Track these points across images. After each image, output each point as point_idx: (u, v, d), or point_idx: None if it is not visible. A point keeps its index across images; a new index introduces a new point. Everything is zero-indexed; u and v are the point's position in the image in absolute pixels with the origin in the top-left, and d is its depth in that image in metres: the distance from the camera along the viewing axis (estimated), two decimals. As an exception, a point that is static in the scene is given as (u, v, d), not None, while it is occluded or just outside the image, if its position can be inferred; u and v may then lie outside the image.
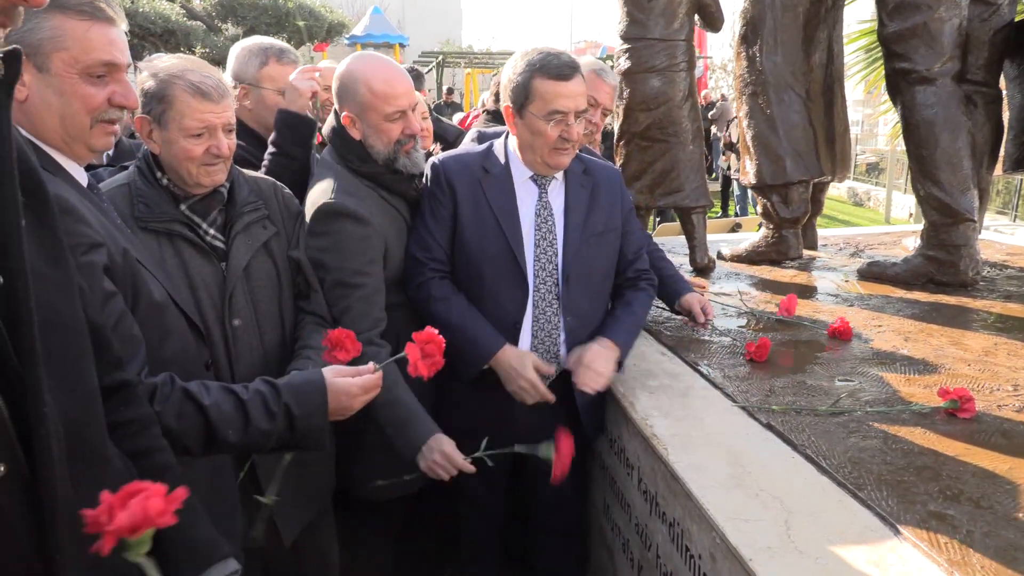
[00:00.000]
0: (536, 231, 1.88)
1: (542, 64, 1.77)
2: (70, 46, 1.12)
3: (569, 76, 1.77)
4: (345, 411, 1.36)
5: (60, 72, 1.12)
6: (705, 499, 1.40)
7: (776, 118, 3.33)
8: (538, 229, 1.88)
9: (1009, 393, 1.89)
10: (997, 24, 3.06)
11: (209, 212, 1.54)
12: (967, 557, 1.20)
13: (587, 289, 1.94)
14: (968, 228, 2.93)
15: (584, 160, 1.97)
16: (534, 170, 1.89)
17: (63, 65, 1.12)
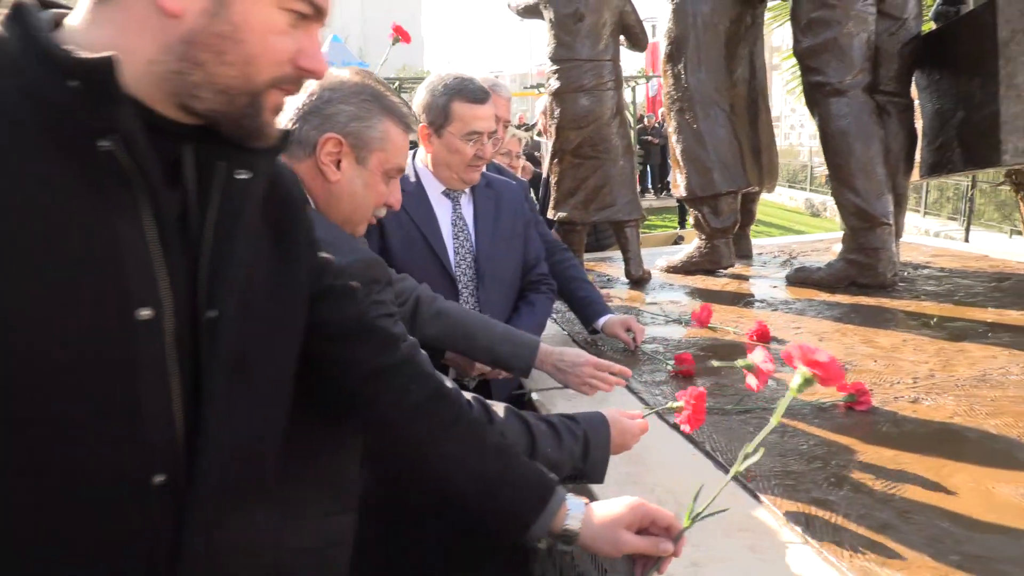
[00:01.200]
0: (454, 239, 2.00)
1: (460, 88, 1.88)
2: (388, 149, 1.24)
3: (484, 100, 1.91)
4: (621, 448, 1.37)
5: (373, 169, 1.23)
6: (600, 496, 1.46)
7: (703, 132, 3.45)
8: (456, 238, 2.00)
9: (908, 386, 1.99)
10: (904, 37, 3.22)
11: None
12: (839, 537, 1.26)
13: (500, 289, 2.08)
14: (885, 232, 3.05)
15: (485, 175, 2.09)
16: (447, 185, 1.99)
17: (377, 164, 1.23)
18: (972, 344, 2.32)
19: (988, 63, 2.89)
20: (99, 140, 0.64)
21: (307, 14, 0.71)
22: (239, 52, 0.68)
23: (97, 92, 0.63)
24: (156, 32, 0.67)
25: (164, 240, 0.69)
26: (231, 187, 0.75)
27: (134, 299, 0.67)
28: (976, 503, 1.36)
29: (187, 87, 0.68)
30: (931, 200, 14.24)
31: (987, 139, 2.94)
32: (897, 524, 1.30)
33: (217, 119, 0.71)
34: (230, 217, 0.75)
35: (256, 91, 0.71)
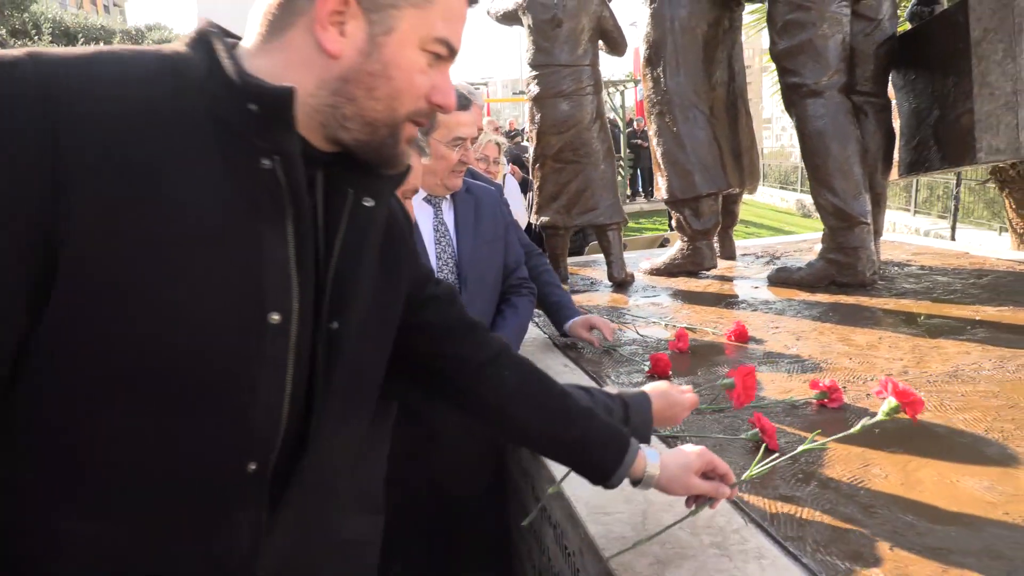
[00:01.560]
0: (437, 245, 2.01)
1: None
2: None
3: (468, 107, 1.94)
4: (671, 420, 1.39)
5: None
6: (575, 497, 1.47)
7: (683, 135, 3.47)
8: (438, 243, 2.02)
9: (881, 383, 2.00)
10: (880, 38, 3.25)
11: None
12: (803, 532, 1.28)
13: (482, 293, 2.09)
14: (863, 231, 3.08)
15: (465, 181, 2.10)
16: (430, 191, 2.00)
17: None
18: (947, 340, 2.35)
19: (961, 62, 2.93)
20: (262, 159, 0.72)
21: (442, 55, 0.80)
22: (387, 88, 0.77)
23: (273, 117, 0.71)
24: (317, 69, 0.75)
25: (299, 255, 0.77)
26: (357, 212, 0.83)
27: (268, 304, 0.74)
28: (940, 497, 1.38)
29: (338, 119, 0.77)
30: (921, 199, 14.30)
31: (962, 137, 2.97)
32: (861, 519, 1.32)
33: (360, 148, 0.80)
34: (356, 239, 0.84)
35: (397, 123, 0.80)
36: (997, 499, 1.36)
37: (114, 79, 0.69)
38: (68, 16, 13.09)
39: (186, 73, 0.72)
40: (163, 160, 0.68)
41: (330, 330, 0.82)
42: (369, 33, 0.75)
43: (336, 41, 0.75)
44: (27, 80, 0.64)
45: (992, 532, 1.26)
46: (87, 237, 0.65)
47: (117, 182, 0.66)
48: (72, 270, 0.65)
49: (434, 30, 0.77)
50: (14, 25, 11.74)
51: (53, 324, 0.66)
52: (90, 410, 0.69)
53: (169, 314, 0.69)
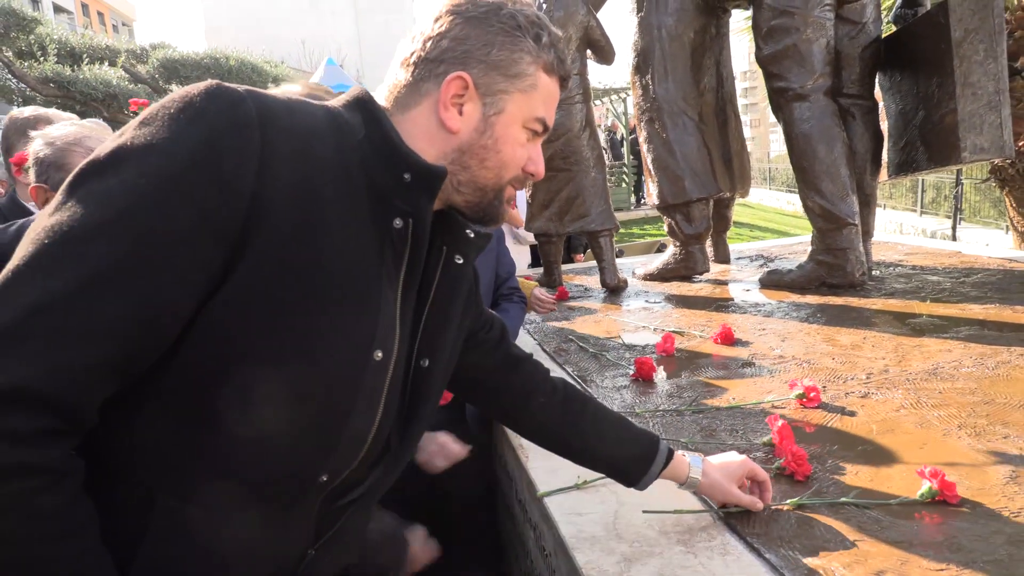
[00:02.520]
0: None
1: None
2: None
3: None
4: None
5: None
6: (551, 498, 1.50)
7: (672, 141, 3.51)
8: None
9: (861, 382, 2.03)
10: (864, 41, 3.28)
11: None
12: (768, 529, 1.30)
13: None
14: (851, 232, 3.10)
15: None
16: None
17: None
18: (930, 339, 2.36)
19: (944, 63, 2.96)
20: (396, 218, 0.83)
21: (538, 131, 0.93)
22: (496, 160, 0.90)
23: (421, 188, 0.84)
24: (438, 142, 0.88)
25: (404, 301, 0.88)
26: (449, 268, 0.96)
27: (376, 343, 0.84)
28: (908, 491, 1.40)
29: (454, 184, 0.90)
30: (928, 199, 14.25)
31: (947, 137, 2.99)
32: (827, 513, 1.34)
33: (469, 207, 0.92)
34: (447, 291, 0.97)
35: (501, 188, 0.93)
36: (963, 493, 1.38)
37: (304, 125, 0.79)
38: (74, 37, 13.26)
39: (346, 131, 0.83)
40: (328, 202, 0.78)
41: (420, 367, 0.95)
42: (484, 114, 0.88)
43: (456, 120, 0.87)
44: (251, 114, 0.74)
45: (955, 525, 1.28)
46: (258, 259, 0.74)
47: (296, 212, 0.76)
48: (236, 285, 0.73)
49: (535, 111, 0.90)
50: (20, 47, 11.91)
51: (208, 328, 0.74)
52: (214, 412, 0.77)
53: (301, 345, 0.78)
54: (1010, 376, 1.98)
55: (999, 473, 1.45)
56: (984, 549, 1.20)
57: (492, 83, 0.88)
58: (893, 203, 14.76)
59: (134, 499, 0.79)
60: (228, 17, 29.42)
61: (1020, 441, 1.58)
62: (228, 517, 0.82)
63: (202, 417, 0.77)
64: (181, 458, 0.78)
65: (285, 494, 0.85)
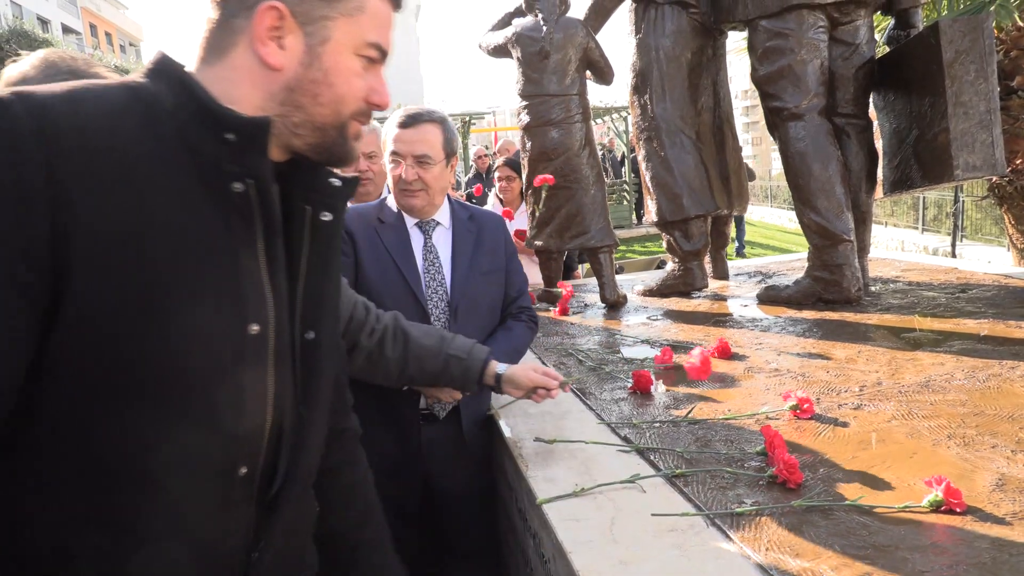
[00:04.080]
0: (425, 272, 2.06)
1: (399, 117, 2.02)
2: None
3: (408, 124, 1.99)
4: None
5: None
6: (549, 505, 1.54)
7: (670, 159, 3.57)
8: (427, 271, 2.06)
9: (854, 394, 2.07)
10: (858, 62, 3.36)
11: None
12: (759, 533, 1.34)
13: (474, 320, 2.09)
14: (846, 248, 3.15)
15: (469, 208, 2.17)
16: (406, 213, 2.07)
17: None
18: (924, 353, 2.41)
19: (936, 83, 3.02)
20: (234, 183, 0.78)
21: (375, 58, 0.87)
22: (331, 94, 0.83)
23: (249, 146, 0.78)
24: (262, 83, 0.82)
25: (271, 268, 0.84)
26: (318, 227, 0.90)
27: (248, 317, 0.81)
28: (896, 499, 1.44)
29: (289, 127, 0.84)
30: (930, 217, 14.31)
31: (940, 155, 3.05)
32: (816, 520, 1.38)
33: (313, 150, 0.86)
34: (322, 253, 0.91)
35: (343, 124, 0.86)
36: (950, 500, 1.42)
37: (95, 112, 0.73)
38: (83, 58, 13.42)
39: (153, 103, 0.77)
40: (146, 187, 0.73)
41: (305, 340, 0.90)
42: (307, 44, 0.81)
43: (277, 55, 0.80)
44: (19, 118, 0.68)
45: (940, 530, 1.32)
46: (85, 261, 0.69)
47: (108, 208, 0.70)
48: (73, 293, 0.69)
49: (366, 36, 0.84)
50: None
51: (57, 345, 0.71)
52: (92, 422, 0.74)
53: (161, 329, 0.74)
54: (1000, 388, 2.02)
55: (986, 481, 1.49)
56: (968, 553, 1.24)
57: (311, 10, 0.81)
58: (895, 220, 14.82)
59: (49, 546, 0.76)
60: (234, 38, 29.64)
61: (1007, 451, 1.62)
62: (156, 538, 0.79)
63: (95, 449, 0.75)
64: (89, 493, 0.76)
65: (209, 497, 0.82)
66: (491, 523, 2.32)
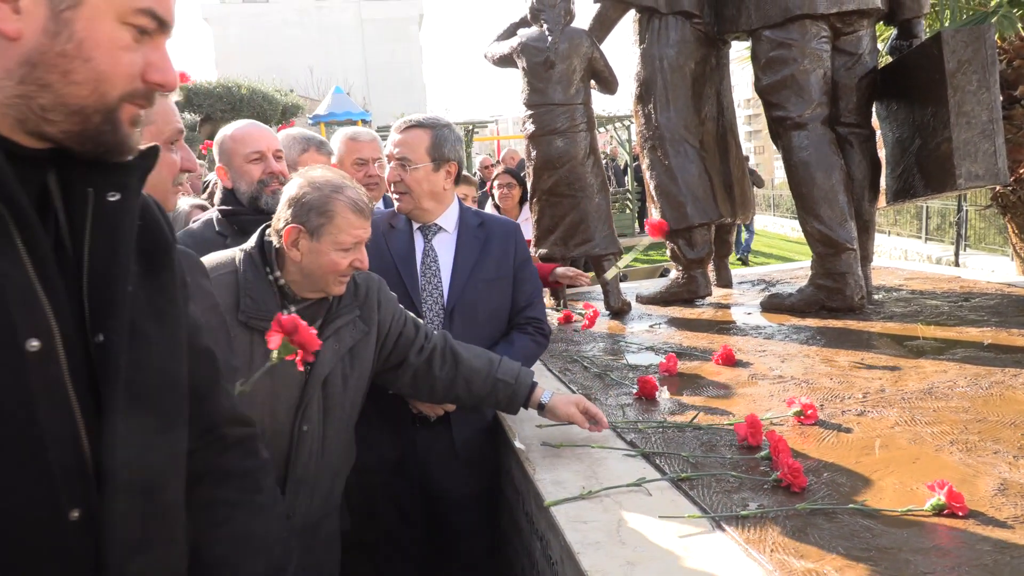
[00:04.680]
0: (422, 276, 2.10)
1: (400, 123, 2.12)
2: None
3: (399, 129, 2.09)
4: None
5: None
6: (557, 508, 1.56)
7: (674, 168, 3.60)
8: (423, 275, 2.10)
9: (857, 400, 2.09)
10: (861, 72, 3.39)
11: (316, 318, 1.61)
12: (764, 535, 1.36)
13: (471, 327, 2.10)
14: (850, 256, 3.17)
15: (481, 215, 2.21)
16: (410, 217, 2.12)
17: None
18: (927, 360, 2.43)
19: (938, 93, 3.05)
20: None
21: (149, 28, 0.71)
22: (88, 70, 0.68)
23: None
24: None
25: (42, 271, 0.70)
26: (102, 210, 0.75)
27: (20, 331, 0.67)
28: (898, 502, 1.46)
29: (35, 110, 0.68)
30: (933, 226, 14.32)
31: (943, 165, 3.08)
32: (820, 523, 1.40)
33: (73, 140, 0.71)
34: (106, 240, 0.75)
35: (110, 107, 0.71)
36: (953, 504, 1.43)
37: None
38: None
39: None
40: None
41: (98, 344, 0.75)
42: (51, 8, 0.66)
43: (9, 20, 0.65)
44: None
45: (943, 533, 1.34)
46: None
47: None
48: None
49: (134, 1, 0.69)
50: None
51: None
52: None
53: None
54: (1003, 396, 2.03)
55: (988, 485, 1.51)
56: (970, 555, 1.25)
57: None
58: (898, 229, 14.82)
59: None
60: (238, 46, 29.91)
61: (1009, 456, 1.64)
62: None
63: None
64: None
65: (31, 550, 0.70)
66: (491, 527, 2.34)
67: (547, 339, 2.28)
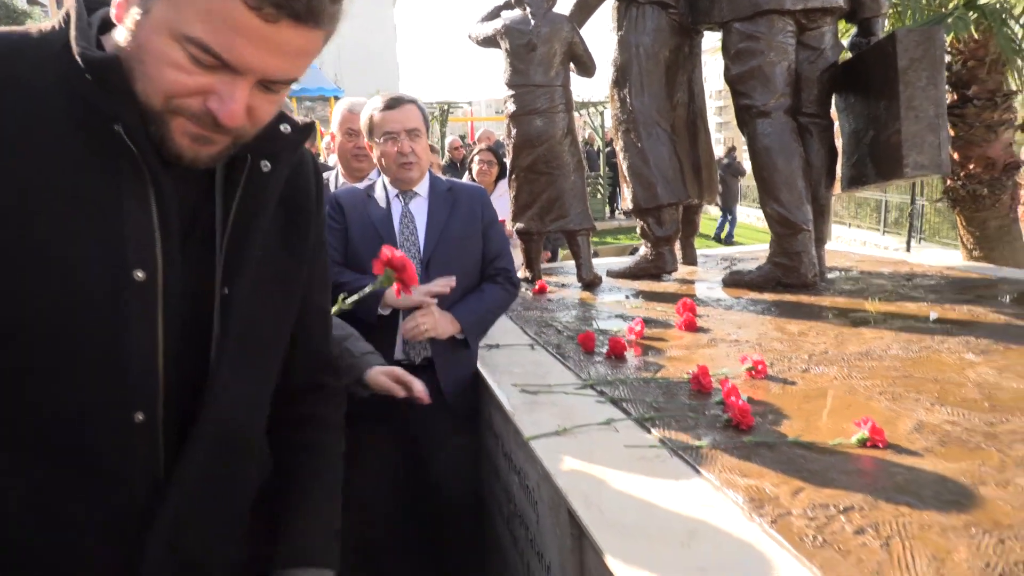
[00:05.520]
0: (401, 235, 2.27)
1: (380, 102, 2.23)
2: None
3: (395, 106, 2.21)
4: None
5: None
6: (535, 441, 1.77)
7: (646, 150, 3.81)
8: (401, 233, 2.27)
9: (803, 360, 2.33)
10: (823, 65, 3.62)
11: None
12: (713, 461, 1.58)
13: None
14: (806, 237, 3.42)
15: (450, 182, 2.39)
16: (395, 187, 2.28)
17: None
18: (867, 329, 2.68)
19: (891, 88, 3.30)
20: (114, 124, 0.75)
21: (201, 58, 0.72)
22: (142, 71, 0.75)
23: (104, 83, 0.75)
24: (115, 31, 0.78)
25: (163, 216, 0.80)
26: (253, 177, 0.86)
27: (131, 262, 0.78)
28: (830, 437, 1.69)
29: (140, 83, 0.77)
30: (891, 219, 14.82)
31: (892, 155, 3.33)
32: (763, 452, 1.63)
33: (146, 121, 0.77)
34: (250, 205, 0.86)
35: (157, 111, 0.76)
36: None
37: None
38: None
39: (46, 48, 0.77)
40: (20, 130, 0.73)
41: (223, 296, 0.85)
42: (134, 12, 0.75)
43: (121, 7, 0.76)
44: None
45: (865, 460, 1.57)
46: None
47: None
48: None
49: (185, 26, 0.71)
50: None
51: None
52: None
53: (41, 271, 0.74)
54: (929, 358, 2.29)
55: (906, 425, 1.75)
56: (885, 476, 1.49)
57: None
58: (858, 222, 15.33)
59: None
60: (210, 17, 29.31)
61: (927, 403, 1.89)
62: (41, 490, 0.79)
63: None
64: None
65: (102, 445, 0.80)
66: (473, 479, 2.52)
67: (516, 288, 2.44)
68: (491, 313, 2.34)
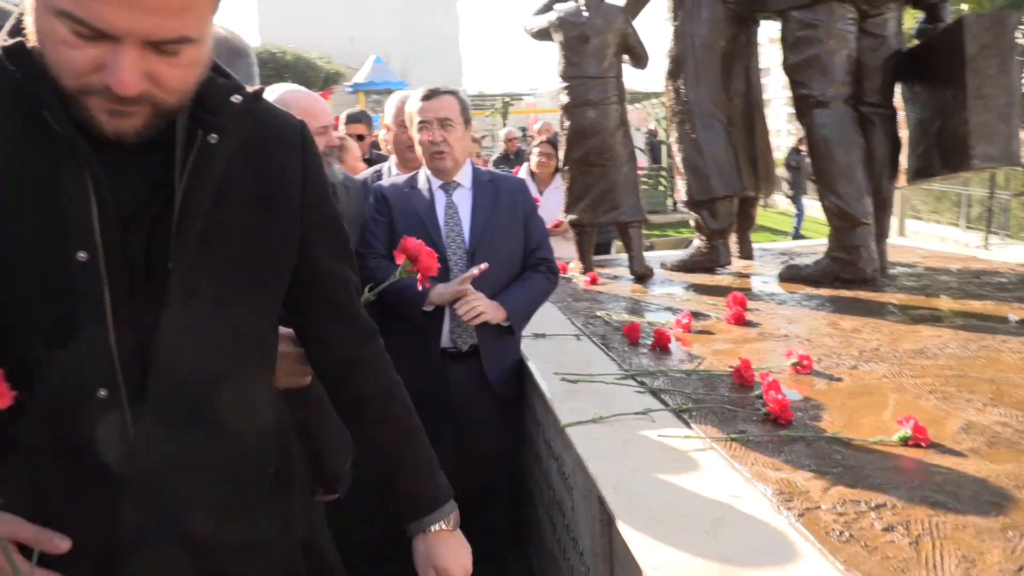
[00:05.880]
0: (445, 225, 2.32)
1: (420, 93, 2.28)
2: None
3: (429, 97, 2.25)
4: None
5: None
6: (571, 429, 1.80)
7: (701, 142, 3.77)
8: (446, 223, 2.32)
9: (853, 356, 2.28)
10: (886, 53, 3.51)
11: None
12: (747, 454, 1.58)
13: (491, 266, 2.23)
14: (865, 231, 3.33)
15: (490, 173, 2.43)
16: (437, 177, 2.33)
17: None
18: (925, 326, 2.60)
19: (958, 76, 3.17)
20: (43, 111, 0.78)
21: (79, 31, 0.72)
22: (46, 54, 0.75)
23: (27, 75, 0.77)
24: None
25: (100, 196, 0.80)
26: (202, 151, 0.86)
27: (72, 244, 0.80)
28: (869, 434, 1.66)
29: None
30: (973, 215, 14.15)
31: (959, 145, 3.21)
32: (799, 448, 1.62)
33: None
34: (202, 178, 0.86)
35: (71, 93, 0.76)
36: (920, 438, 1.64)
37: None
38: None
39: None
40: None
41: (166, 270, 0.84)
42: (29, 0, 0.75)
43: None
44: None
45: (904, 458, 1.55)
46: None
47: None
48: None
49: (57, 2, 0.71)
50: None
51: None
52: None
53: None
54: (988, 357, 2.21)
55: (954, 425, 1.71)
56: (923, 475, 1.46)
57: None
58: (937, 216, 14.67)
59: None
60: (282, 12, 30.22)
61: (979, 404, 1.83)
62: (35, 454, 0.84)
63: None
64: None
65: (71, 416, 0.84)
66: (513, 462, 2.56)
67: (557, 276, 2.47)
68: (535, 300, 2.38)
